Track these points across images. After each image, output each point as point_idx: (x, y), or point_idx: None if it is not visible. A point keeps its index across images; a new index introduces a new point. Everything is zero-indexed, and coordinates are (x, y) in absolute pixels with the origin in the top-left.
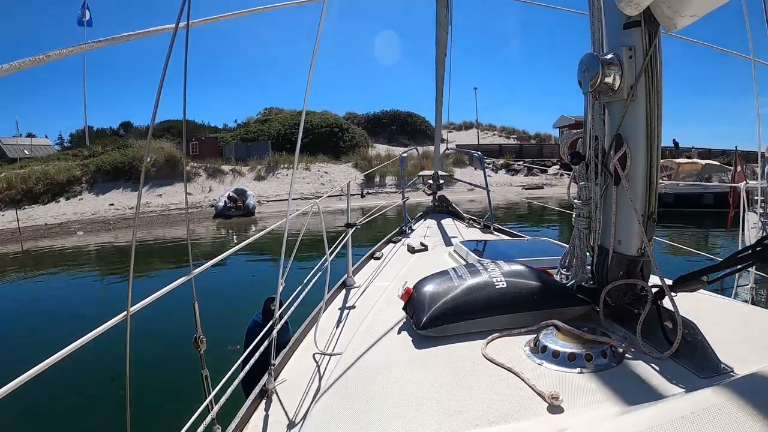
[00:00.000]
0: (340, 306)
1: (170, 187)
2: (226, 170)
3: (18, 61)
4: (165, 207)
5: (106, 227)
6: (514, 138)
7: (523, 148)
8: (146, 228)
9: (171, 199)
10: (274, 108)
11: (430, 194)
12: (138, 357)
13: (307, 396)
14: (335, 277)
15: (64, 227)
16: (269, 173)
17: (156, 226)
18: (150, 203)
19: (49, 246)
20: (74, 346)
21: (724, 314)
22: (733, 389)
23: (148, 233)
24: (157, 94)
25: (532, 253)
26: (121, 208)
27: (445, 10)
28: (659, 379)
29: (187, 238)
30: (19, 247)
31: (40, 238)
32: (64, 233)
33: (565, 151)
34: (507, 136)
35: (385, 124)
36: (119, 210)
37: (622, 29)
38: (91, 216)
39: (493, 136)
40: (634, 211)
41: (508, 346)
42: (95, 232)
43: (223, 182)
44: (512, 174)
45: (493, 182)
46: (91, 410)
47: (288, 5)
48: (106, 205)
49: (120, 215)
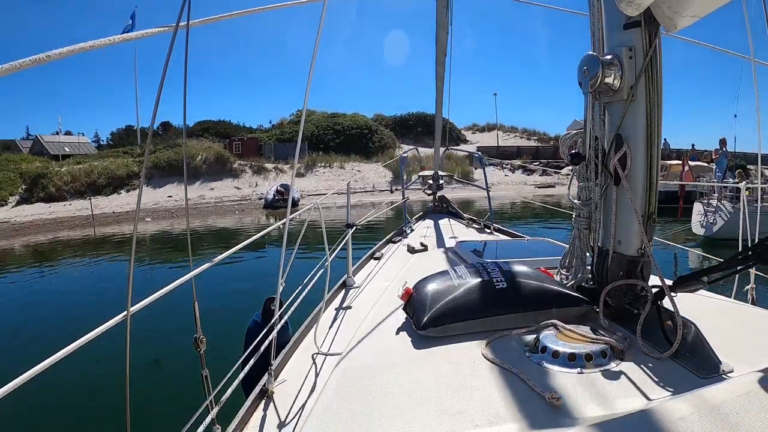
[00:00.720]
0: (341, 306)
1: (220, 182)
2: (269, 168)
3: (18, 61)
4: (219, 199)
5: (170, 215)
6: (535, 139)
7: (540, 150)
8: (202, 217)
9: (222, 192)
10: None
11: (430, 194)
12: (138, 357)
13: (307, 396)
14: (335, 277)
15: (131, 215)
16: (308, 171)
17: (210, 216)
18: (204, 196)
19: (120, 231)
20: (74, 346)
21: (724, 315)
22: (733, 389)
23: (202, 221)
24: (157, 94)
25: (532, 253)
26: (179, 199)
27: (446, 10)
28: (659, 379)
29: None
30: (92, 232)
31: (111, 223)
32: (131, 220)
33: (565, 151)
34: (528, 138)
35: (411, 125)
36: (177, 201)
37: (622, 29)
38: (153, 206)
39: (515, 137)
40: (634, 211)
41: (508, 346)
42: (160, 219)
43: (267, 178)
44: (528, 174)
45: (510, 181)
46: (91, 410)
47: (288, 5)
48: (165, 196)
49: (179, 205)
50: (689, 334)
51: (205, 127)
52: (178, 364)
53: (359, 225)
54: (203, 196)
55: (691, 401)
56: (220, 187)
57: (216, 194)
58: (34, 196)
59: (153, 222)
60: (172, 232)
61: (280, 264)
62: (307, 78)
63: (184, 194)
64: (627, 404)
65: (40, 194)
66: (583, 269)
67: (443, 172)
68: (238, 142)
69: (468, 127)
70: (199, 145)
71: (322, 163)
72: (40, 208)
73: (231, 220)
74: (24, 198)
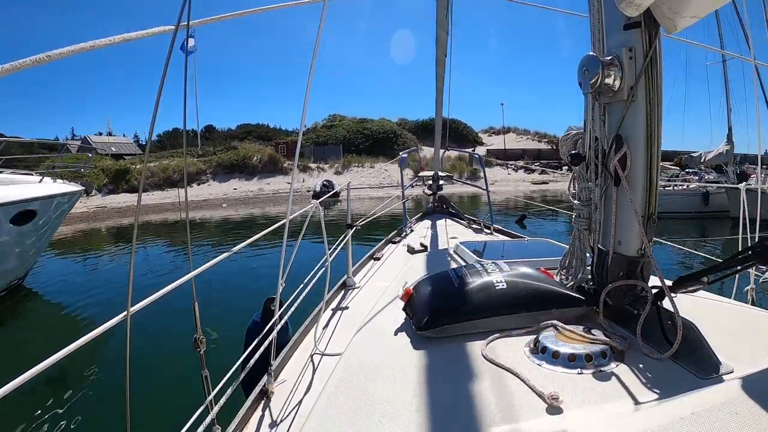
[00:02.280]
0: (340, 306)
1: (273, 179)
2: (312, 167)
3: (18, 61)
4: (275, 191)
5: (238, 203)
6: (545, 141)
7: (542, 152)
8: (261, 206)
9: (276, 186)
10: (337, 114)
11: (430, 195)
12: (138, 357)
13: (307, 396)
14: (335, 278)
15: (210, 202)
16: (344, 169)
17: (267, 205)
18: (263, 189)
19: (203, 216)
20: (74, 346)
21: (724, 315)
22: (733, 390)
23: (261, 209)
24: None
25: (532, 253)
26: (243, 191)
27: (446, 10)
28: (659, 379)
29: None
30: (179, 216)
31: (195, 209)
32: (211, 206)
33: (565, 152)
34: (539, 140)
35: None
36: (242, 192)
37: (622, 30)
38: (222, 196)
39: (527, 139)
40: (634, 212)
41: (508, 346)
42: (232, 206)
43: (311, 176)
44: (529, 173)
45: (511, 179)
46: (91, 410)
47: (288, 5)
48: (230, 189)
49: (244, 195)
50: (689, 334)
51: (248, 131)
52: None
53: (359, 225)
54: (262, 189)
55: (691, 402)
56: (274, 183)
57: (272, 188)
58: (120, 188)
59: (228, 207)
60: (232, 219)
61: (281, 264)
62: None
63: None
64: (627, 405)
65: (124, 186)
66: (583, 270)
67: (443, 173)
68: (283, 145)
69: (484, 130)
70: (253, 147)
71: (356, 164)
72: (126, 197)
73: (283, 208)
74: (110, 189)
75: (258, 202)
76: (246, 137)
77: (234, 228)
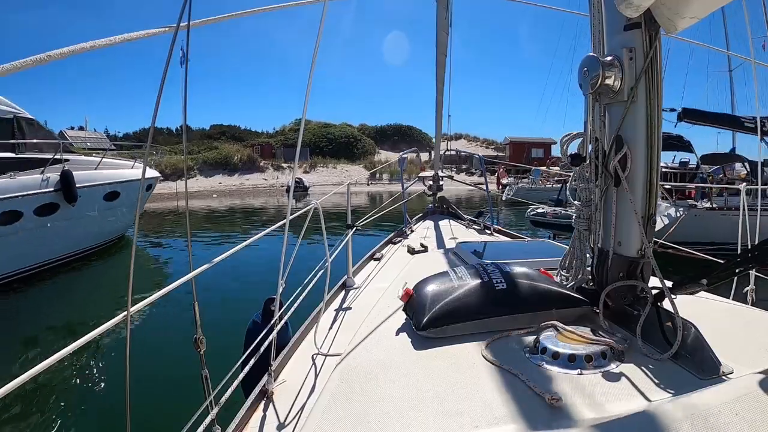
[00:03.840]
0: (341, 307)
1: (252, 175)
2: (285, 166)
3: (19, 61)
4: (254, 186)
5: (224, 195)
6: (492, 148)
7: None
8: (241, 197)
9: (255, 182)
10: None
11: (430, 195)
12: (138, 357)
13: (307, 397)
14: (335, 278)
15: (201, 193)
16: (312, 169)
17: (247, 197)
18: (243, 183)
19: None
20: (74, 346)
21: (724, 316)
22: (733, 391)
23: (242, 201)
24: (157, 96)
25: (532, 254)
26: (227, 185)
27: (446, 11)
28: (659, 380)
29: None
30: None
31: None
32: (203, 196)
33: (565, 152)
34: (487, 147)
35: (389, 134)
36: (226, 186)
37: (622, 31)
38: (210, 188)
39: (476, 146)
40: (634, 213)
41: (508, 347)
42: (222, 197)
43: (283, 173)
44: (469, 175)
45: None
46: (91, 410)
47: (288, 6)
48: (216, 183)
49: (228, 189)
50: (689, 335)
51: (221, 131)
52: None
53: (359, 226)
54: (243, 184)
55: (691, 402)
56: (252, 179)
57: (251, 183)
58: None
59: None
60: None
61: (281, 264)
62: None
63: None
64: (627, 405)
65: None
66: (583, 270)
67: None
68: (258, 146)
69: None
70: (233, 147)
71: (321, 164)
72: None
73: (261, 200)
74: None
75: (241, 194)
76: (220, 137)
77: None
